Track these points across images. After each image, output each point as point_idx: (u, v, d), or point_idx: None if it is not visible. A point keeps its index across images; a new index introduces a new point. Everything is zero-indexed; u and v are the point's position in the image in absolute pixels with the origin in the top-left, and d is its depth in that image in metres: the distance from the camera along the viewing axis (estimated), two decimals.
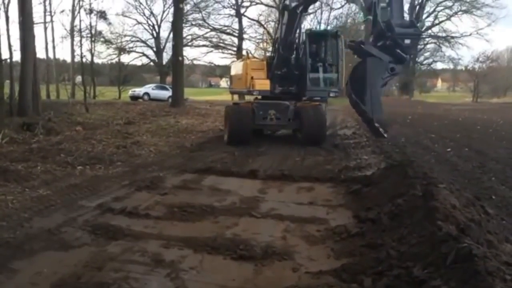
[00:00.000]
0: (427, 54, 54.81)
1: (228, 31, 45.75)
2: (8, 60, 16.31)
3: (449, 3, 48.87)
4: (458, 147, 11.01)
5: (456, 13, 49.04)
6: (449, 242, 3.15)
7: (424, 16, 51.36)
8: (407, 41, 6.67)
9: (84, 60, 27.76)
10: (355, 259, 3.75)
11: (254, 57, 14.61)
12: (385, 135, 7.49)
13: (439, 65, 58.87)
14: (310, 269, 3.65)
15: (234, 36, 45.84)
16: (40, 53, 38.06)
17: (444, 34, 50.67)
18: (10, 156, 8.18)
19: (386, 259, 3.44)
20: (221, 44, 46.71)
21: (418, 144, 11.59)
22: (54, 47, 41.85)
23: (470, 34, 49.50)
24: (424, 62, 55.62)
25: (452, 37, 49.96)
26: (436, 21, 51.07)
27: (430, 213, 3.90)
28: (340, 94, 12.17)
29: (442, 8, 49.92)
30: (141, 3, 45.99)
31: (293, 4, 10.85)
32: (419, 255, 3.29)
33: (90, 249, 4.07)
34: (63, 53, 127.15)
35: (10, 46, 16.63)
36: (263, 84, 11.75)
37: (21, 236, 4.35)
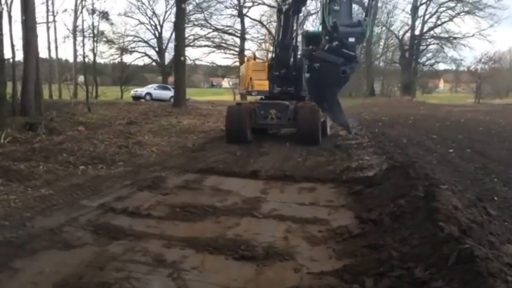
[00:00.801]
0: (429, 54, 54.82)
1: (230, 31, 45.86)
2: (11, 60, 16.39)
3: (451, 4, 48.87)
4: (460, 148, 10.99)
5: (458, 14, 49.01)
6: (451, 243, 3.15)
7: (427, 17, 51.39)
8: (351, 39, 6.82)
9: (86, 60, 28.00)
10: (356, 260, 3.75)
11: (258, 59, 14.75)
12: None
13: (441, 66, 58.86)
14: (312, 269, 3.65)
15: (236, 36, 45.92)
16: (43, 53, 38.06)
17: (446, 35, 50.63)
18: (13, 156, 8.20)
19: (387, 260, 3.44)
20: (223, 45, 46.78)
21: (420, 145, 11.57)
22: (56, 47, 41.98)
23: (472, 35, 49.46)
24: (426, 62, 55.59)
25: (455, 38, 49.91)
26: (439, 22, 51.04)
27: (432, 214, 3.89)
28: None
29: (444, 9, 49.90)
30: (143, 3, 46.10)
31: (285, 8, 11.00)
32: (421, 256, 3.28)
33: (92, 249, 4.08)
34: (66, 53, 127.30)
35: (12, 45, 16.74)
36: (262, 84, 12.21)
37: (23, 236, 4.36)
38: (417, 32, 52.28)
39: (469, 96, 57.57)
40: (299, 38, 12.65)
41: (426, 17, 51.63)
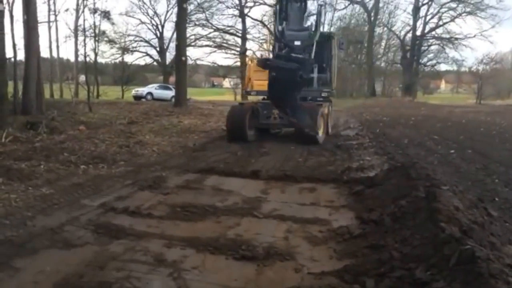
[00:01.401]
0: (430, 55, 54.90)
1: (231, 31, 45.89)
2: (12, 59, 16.39)
3: (453, 5, 48.93)
4: (461, 149, 10.98)
5: (460, 14, 49.07)
6: (452, 244, 3.14)
7: (428, 17, 51.38)
8: (297, 43, 7.04)
9: (87, 59, 27.98)
10: (357, 260, 3.74)
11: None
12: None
13: (443, 67, 59.05)
14: (312, 270, 3.64)
15: (238, 36, 45.98)
16: (44, 52, 38.19)
17: (448, 36, 50.65)
18: (14, 155, 8.20)
19: (388, 261, 3.43)
20: (225, 44, 46.85)
21: (421, 145, 11.57)
22: (58, 47, 42.56)
23: (474, 36, 49.53)
24: (428, 63, 55.66)
25: (456, 39, 49.97)
26: (440, 23, 51.06)
27: (433, 215, 3.89)
28: (331, 94, 12.51)
29: (446, 9, 49.96)
30: (144, 3, 46.23)
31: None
32: (422, 256, 3.28)
33: (92, 248, 4.08)
34: (67, 53, 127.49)
35: (14, 45, 16.76)
36: (261, 85, 12.24)
37: (24, 235, 4.36)
38: (418, 33, 52.31)
39: (470, 97, 57.61)
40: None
41: (428, 17, 51.73)
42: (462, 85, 71.12)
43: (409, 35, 53.26)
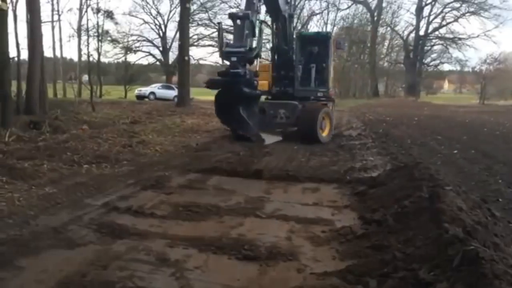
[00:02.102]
0: (434, 55, 54.91)
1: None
2: (16, 59, 16.45)
3: (456, 5, 48.86)
4: (465, 149, 10.95)
5: (463, 14, 49.03)
6: (455, 245, 3.13)
7: (432, 17, 51.27)
8: (234, 59, 7.43)
9: (91, 59, 28.05)
10: (360, 260, 3.73)
11: (266, 60, 15.09)
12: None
13: (446, 67, 58.83)
14: (315, 270, 3.64)
15: None
16: (48, 52, 38.29)
17: (451, 36, 50.57)
18: (17, 154, 8.21)
19: (391, 261, 3.42)
20: None
21: (424, 145, 11.55)
22: (61, 46, 42.23)
23: (477, 36, 49.47)
24: (431, 63, 55.66)
25: (460, 39, 49.92)
26: (444, 23, 50.95)
27: (436, 215, 3.88)
28: (327, 94, 12.79)
29: (449, 9, 49.88)
30: (148, 3, 46.26)
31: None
32: (425, 257, 3.27)
33: (95, 248, 4.09)
34: (70, 52, 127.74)
35: (17, 44, 16.83)
36: (262, 85, 12.42)
37: (27, 234, 4.37)
38: (421, 33, 52.28)
39: (474, 97, 57.48)
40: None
41: (431, 17, 51.70)
42: (465, 85, 70.98)
43: (412, 35, 53.25)
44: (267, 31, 12.89)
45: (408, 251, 3.53)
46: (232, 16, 7.80)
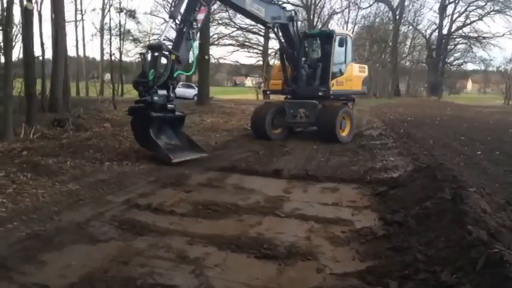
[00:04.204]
0: (457, 54, 53.88)
1: (254, 30, 45.84)
2: (40, 58, 16.79)
3: (481, 3, 47.82)
4: (489, 150, 10.71)
5: (488, 13, 47.95)
6: (479, 247, 3.07)
7: (455, 16, 50.31)
8: (141, 88, 8.14)
9: (113, 58, 28.41)
10: (380, 262, 3.69)
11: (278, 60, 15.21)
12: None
13: (470, 66, 57.75)
14: (335, 270, 3.61)
15: (260, 35, 45.89)
16: (71, 51, 39.00)
17: (475, 35, 49.54)
18: (42, 151, 8.40)
19: (412, 263, 3.38)
20: (247, 43, 46.85)
21: (446, 146, 11.33)
22: (84, 45, 43.13)
23: (502, 35, 48.70)
24: (454, 62, 54.63)
25: (484, 38, 48.85)
26: (468, 21, 49.92)
27: (459, 217, 3.81)
28: (328, 92, 12.44)
29: (474, 8, 48.84)
30: (168, 2, 46.20)
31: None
32: (448, 259, 3.21)
33: (117, 244, 4.15)
34: (93, 51, 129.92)
35: (42, 43, 17.19)
36: (275, 84, 13.05)
37: (51, 229, 4.48)
38: (445, 31, 51.36)
39: (498, 97, 56.15)
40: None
41: (455, 16, 50.72)
42: (489, 85, 69.44)
43: (435, 33, 52.38)
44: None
45: (430, 253, 3.48)
46: (148, 47, 8.86)
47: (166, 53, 8.28)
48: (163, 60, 8.41)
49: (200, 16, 9.13)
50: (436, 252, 3.45)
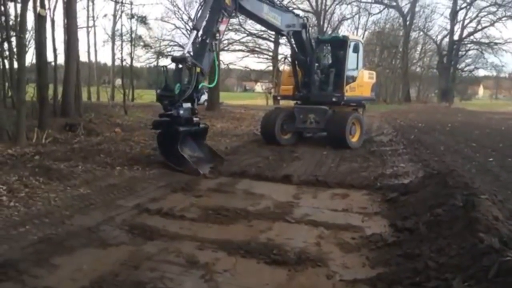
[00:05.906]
0: (468, 60, 53.24)
1: (264, 36, 45.91)
2: (53, 63, 16.99)
3: (493, 9, 47.20)
4: (501, 157, 10.58)
5: (500, 18, 47.32)
6: (491, 255, 3.04)
7: (467, 21, 49.93)
8: (165, 102, 8.19)
9: (124, 63, 28.63)
10: (391, 268, 3.67)
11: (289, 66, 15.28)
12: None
13: (481, 72, 57.05)
14: (345, 277, 3.60)
15: (270, 41, 45.95)
16: (83, 57, 39.34)
17: (487, 40, 49.01)
18: (53, 156, 8.49)
19: (424, 270, 3.35)
20: (257, 49, 46.87)
21: (458, 153, 11.23)
22: (96, 51, 43.43)
23: None
24: (465, 68, 54.03)
25: (496, 43, 48.25)
26: (479, 27, 49.46)
27: (471, 224, 3.77)
28: (342, 98, 12.44)
29: (485, 13, 48.27)
30: (179, 9, 47.07)
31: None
32: (459, 267, 3.18)
33: (127, 248, 4.18)
34: (104, 57, 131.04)
35: (55, 49, 17.37)
36: (286, 89, 13.16)
37: (63, 233, 4.52)
38: (456, 37, 50.85)
39: (510, 104, 55.53)
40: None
41: (466, 21, 50.15)
42: (501, 91, 68.73)
43: (446, 39, 51.85)
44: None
45: (441, 260, 3.45)
46: (172, 60, 8.61)
47: (190, 65, 8.21)
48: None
49: (222, 27, 9.14)
50: (447, 259, 3.42)
